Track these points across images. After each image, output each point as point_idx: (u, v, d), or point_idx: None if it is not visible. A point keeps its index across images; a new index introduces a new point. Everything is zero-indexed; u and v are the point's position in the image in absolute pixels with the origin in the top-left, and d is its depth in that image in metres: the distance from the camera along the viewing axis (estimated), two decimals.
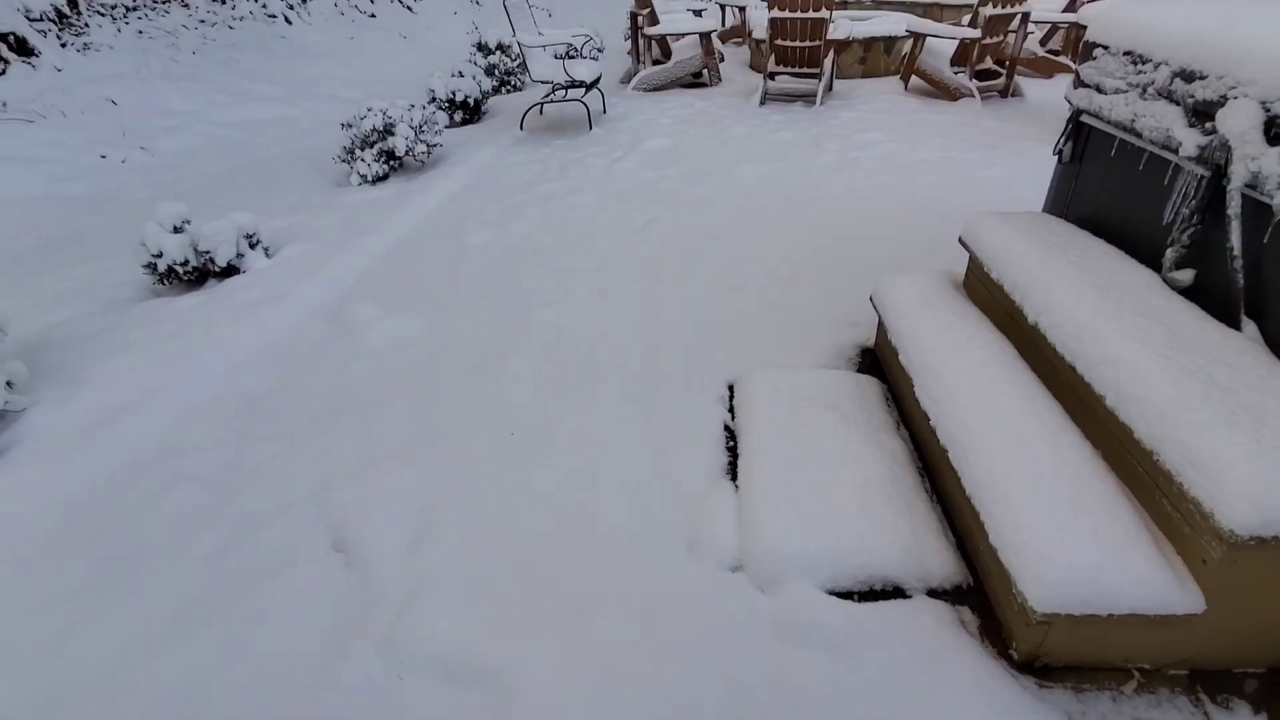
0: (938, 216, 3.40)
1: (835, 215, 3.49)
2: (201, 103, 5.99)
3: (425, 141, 4.47)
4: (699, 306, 2.72)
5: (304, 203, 4.11)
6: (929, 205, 3.57)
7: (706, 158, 4.51)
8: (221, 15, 6.92)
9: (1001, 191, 3.73)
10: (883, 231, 3.28)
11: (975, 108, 5.50)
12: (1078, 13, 6.34)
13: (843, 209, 3.58)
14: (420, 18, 9.64)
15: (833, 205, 3.64)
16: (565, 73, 5.05)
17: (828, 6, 5.44)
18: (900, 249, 3.08)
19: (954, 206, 3.51)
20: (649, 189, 4.02)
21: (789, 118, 5.42)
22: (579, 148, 4.88)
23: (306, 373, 2.41)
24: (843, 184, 3.94)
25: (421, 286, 2.98)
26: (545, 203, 3.88)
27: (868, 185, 3.91)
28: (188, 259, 3.00)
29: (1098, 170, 2.03)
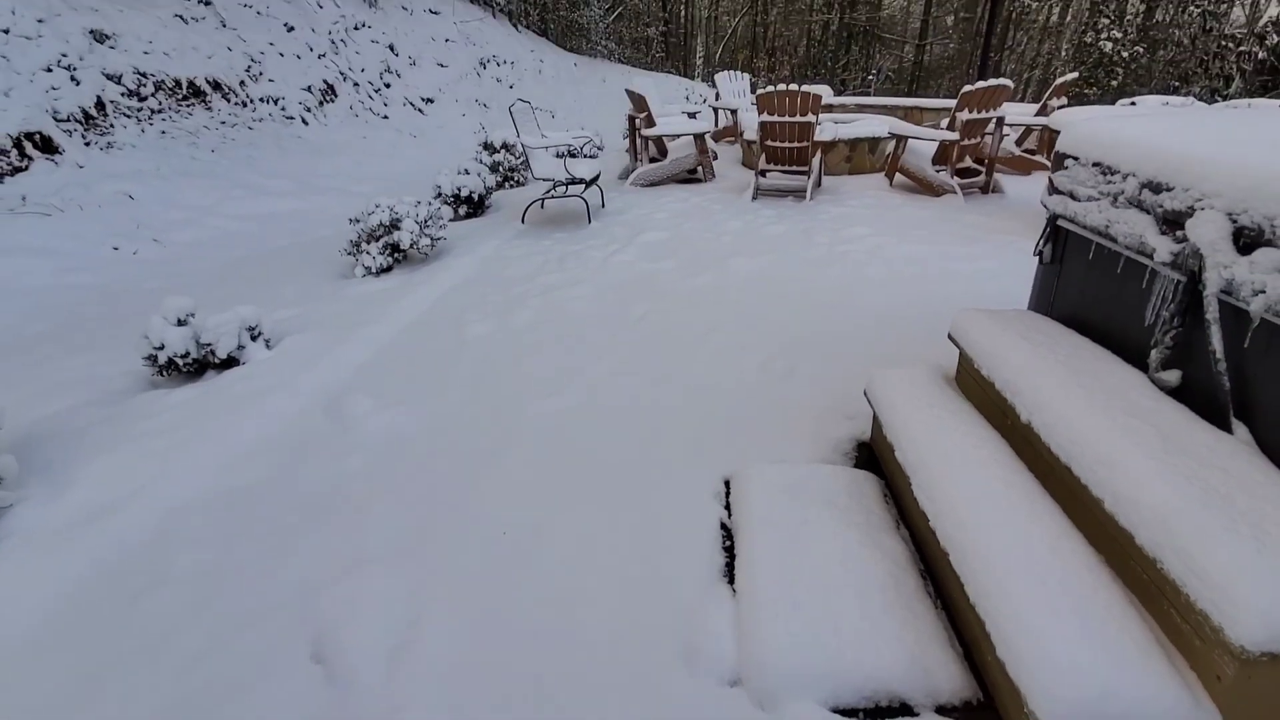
0: (927, 309, 3.48)
1: (828, 307, 3.57)
2: (217, 198, 6.23)
3: (429, 235, 4.62)
4: (695, 399, 2.73)
5: (308, 294, 4.20)
6: (918, 297, 3.66)
7: (701, 250, 4.66)
8: (242, 117, 7.32)
9: (987, 284, 3.83)
10: (874, 324, 3.34)
11: (958, 203, 5.74)
12: (1049, 117, 6.76)
13: (835, 301, 3.66)
14: (430, 118, 10.21)
15: (825, 297, 3.73)
16: (566, 171, 5.30)
17: (814, 111, 5.79)
18: (892, 341, 3.13)
19: (942, 299, 3.60)
20: (646, 281, 4.13)
21: (780, 212, 5.64)
22: (578, 240, 5.05)
23: (299, 468, 2.38)
24: (834, 276, 4.06)
25: (420, 378, 3.00)
26: (545, 294, 3.97)
27: (858, 277, 4.02)
28: (188, 351, 3.03)
29: (1078, 271, 2.10)
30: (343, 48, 9.47)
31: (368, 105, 9.24)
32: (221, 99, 7.27)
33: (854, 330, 3.28)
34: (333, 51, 9.24)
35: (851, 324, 3.35)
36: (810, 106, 5.76)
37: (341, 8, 9.95)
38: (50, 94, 5.77)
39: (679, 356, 3.11)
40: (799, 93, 5.71)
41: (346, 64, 9.37)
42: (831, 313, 3.50)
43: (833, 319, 3.43)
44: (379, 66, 9.95)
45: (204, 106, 7.04)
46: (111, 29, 6.64)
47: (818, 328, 3.33)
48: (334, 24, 9.57)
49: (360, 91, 9.28)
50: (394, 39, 10.66)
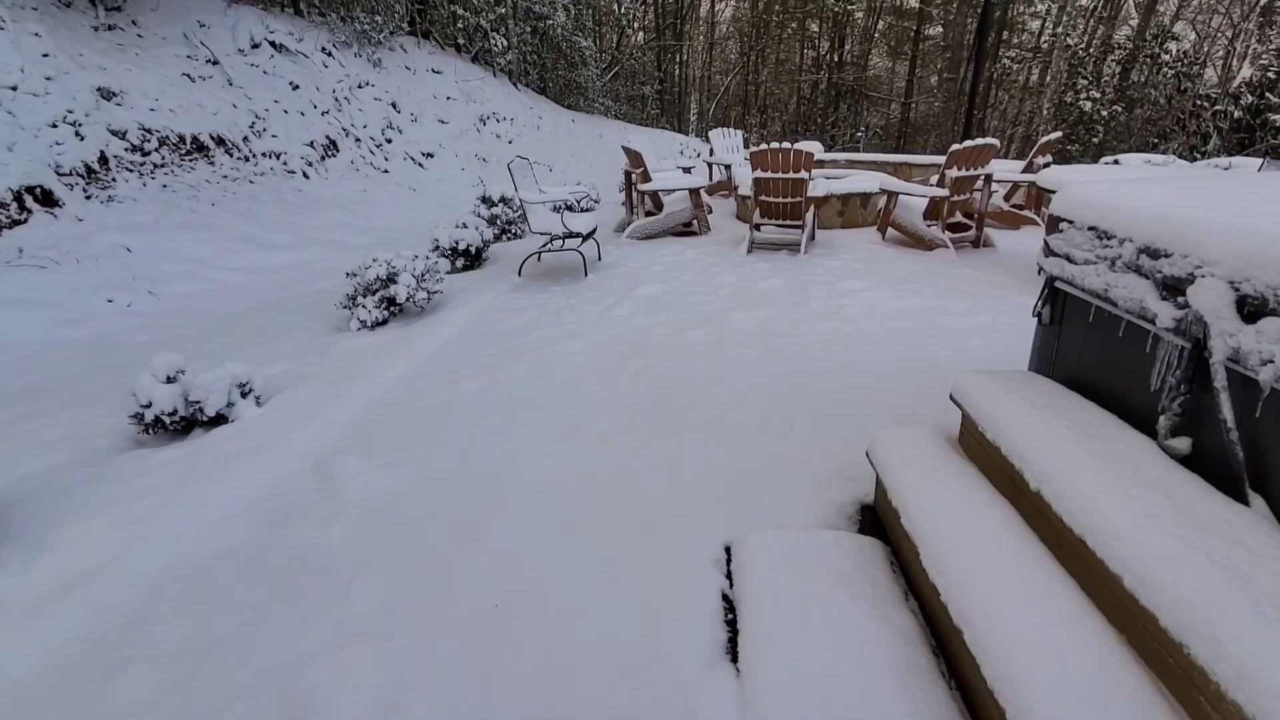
0: (925, 364, 3.47)
1: (825, 362, 3.55)
2: (215, 250, 6.26)
3: (426, 289, 4.63)
4: (692, 458, 2.68)
5: (302, 348, 4.16)
6: (915, 352, 3.65)
7: (697, 304, 4.67)
8: (244, 171, 7.43)
9: (982, 339, 3.83)
10: (872, 379, 3.32)
11: (950, 257, 5.81)
12: (1036, 174, 6.93)
13: (832, 356, 3.65)
14: (429, 172, 10.40)
15: (822, 352, 3.71)
16: (563, 224, 5.36)
17: (807, 168, 5.91)
18: (890, 398, 3.10)
19: (939, 354, 3.59)
20: (641, 335, 4.12)
21: (775, 265, 5.69)
22: (575, 294, 5.07)
23: (283, 533, 2.30)
24: (830, 330, 4.06)
25: (412, 437, 2.94)
26: (540, 349, 3.95)
27: (854, 332, 4.02)
28: (176, 409, 2.98)
29: (1078, 333, 2.08)
30: (346, 105, 9.72)
31: (368, 160, 9.42)
32: (224, 154, 7.39)
33: (852, 386, 3.25)
34: (336, 109, 9.47)
35: (849, 380, 3.33)
36: (803, 163, 5.89)
37: (346, 67, 10.26)
38: (54, 149, 5.84)
39: (676, 413, 3.06)
40: (792, 150, 5.84)
41: (349, 120, 9.60)
42: (829, 368, 3.48)
43: (830, 374, 3.40)
44: (381, 123, 10.20)
45: (207, 161, 7.15)
46: (119, 87, 6.79)
47: (815, 383, 3.30)
48: (338, 82, 9.84)
49: (361, 146, 9.48)
50: (396, 97, 10.96)
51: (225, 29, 8.58)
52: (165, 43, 7.77)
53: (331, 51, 10.15)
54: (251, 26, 8.88)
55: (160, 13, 8.02)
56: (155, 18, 7.94)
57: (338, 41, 10.35)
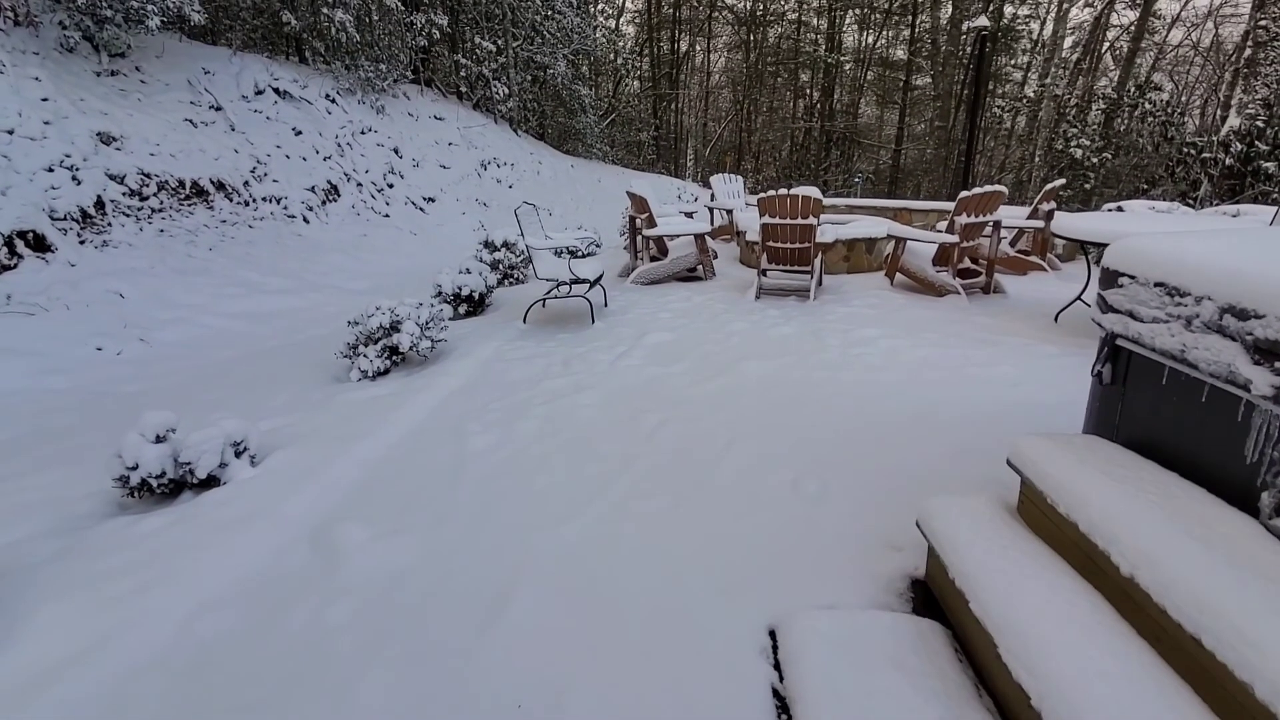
0: (956, 417, 3.31)
1: (850, 417, 3.39)
2: (210, 295, 6.11)
3: (430, 337, 4.47)
4: (722, 527, 2.48)
5: (300, 401, 3.97)
6: (944, 405, 3.50)
7: (711, 353, 4.53)
8: (243, 216, 7.34)
9: (1011, 391, 3.69)
10: (903, 435, 3.15)
11: (962, 304, 5.72)
12: (1045, 220, 6.93)
13: (857, 410, 3.49)
14: (430, 217, 10.37)
15: (845, 405, 3.55)
16: (570, 270, 5.24)
17: (815, 214, 5.86)
18: (926, 455, 2.93)
19: (970, 406, 3.44)
20: (656, 386, 3.95)
21: (785, 312, 5.58)
22: (582, 342, 4.92)
23: (277, 618, 2.08)
24: (851, 381, 3.91)
25: (417, 501, 2.74)
26: (550, 401, 3.77)
27: (876, 383, 3.87)
28: (164, 471, 2.77)
29: (1148, 396, 1.93)
30: (348, 150, 9.74)
31: (370, 204, 9.38)
32: (224, 198, 7.31)
33: (882, 443, 3.08)
34: (338, 154, 9.48)
35: (878, 435, 3.16)
36: (811, 209, 5.84)
37: (350, 113, 10.33)
38: (49, 193, 5.73)
39: (701, 474, 2.88)
40: (799, 196, 5.80)
41: (351, 165, 9.60)
42: (855, 422, 3.32)
43: (858, 430, 3.23)
44: (383, 168, 10.21)
45: (206, 205, 7.06)
46: (119, 131, 6.74)
47: (844, 440, 3.13)
48: (341, 128, 9.88)
49: (363, 191, 9.46)
50: (399, 143, 11.02)
51: (230, 75, 8.63)
52: (168, 89, 7.77)
53: (335, 98, 10.22)
54: (256, 73, 8.94)
55: (164, 59, 8.05)
56: (159, 64, 7.96)
57: (342, 89, 10.45)
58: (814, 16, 25.75)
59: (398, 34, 11.73)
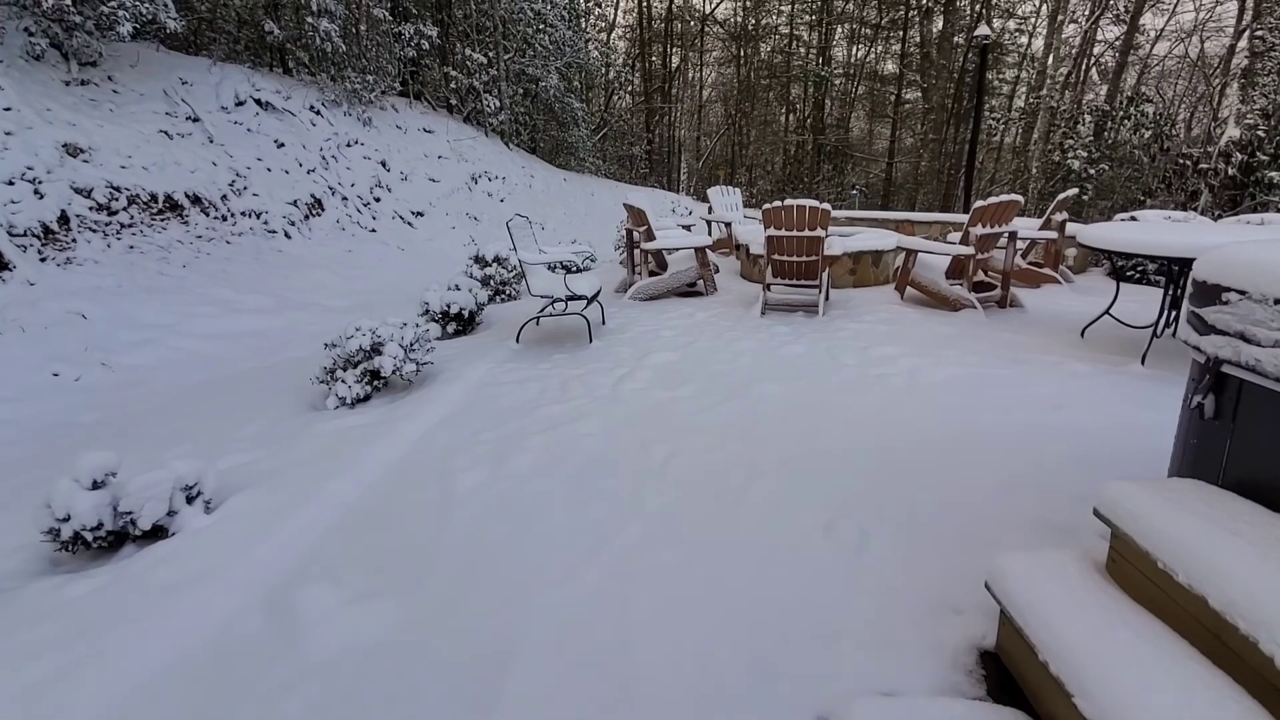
0: (998, 447, 2.99)
1: (882, 447, 3.06)
2: (181, 315, 5.74)
3: (415, 360, 4.12)
4: (749, 585, 2.14)
5: (269, 432, 3.61)
6: (981, 432, 3.17)
7: (720, 374, 4.20)
8: (220, 231, 6.98)
9: (1052, 415, 3.37)
10: (942, 468, 2.83)
11: (979, 319, 5.42)
12: (1063, 231, 6.69)
13: (886, 438, 3.16)
14: (419, 231, 10.04)
15: (873, 433, 3.23)
16: (566, 287, 4.92)
17: (823, 226, 5.57)
18: (970, 491, 2.61)
19: (1010, 434, 3.12)
20: (663, 413, 3.61)
21: (794, 329, 5.26)
22: (580, 363, 4.58)
23: (224, 710, 1.71)
24: (875, 406, 3.58)
25: (395, 553, 2.38)
26: (547, 431, 3.42)
27: (903, 408, 3.54)
28: (102, 522, 2.40)
29: (1268, 433, 1.61)
30: (333, 163, 9.41)
31: (355, 219, 9.04)
32: (200, 213, 6.95)
33: (920, 477, 2.75)
34: (323, 167, 9.15)
35: (914, 468, 2.83)
36: (819, 221, 5.55)
37: (335, 125, 10.01)
38: (8, 208, 5.37)
39: (721, 518, 2.53)
40: (807, 207, 5.51)
41: (336, 179, 9.26)
42: (886, 453, 2.99)
43: (891, 462, 2.90)
44: (369, 181, 9.88)
45: (180, 220, 6.70)
46: (88, 143, 6.39)
47: (877, 474, 2.80)
48: (326, 141, 9.56)
49: (349, 205, 9.12)
50: (386, 155, 10.70)
51: (209, 86, 8.30)
52: (143, 99, 7.43)
53: (320, 110, 9.91)
54: (237, 84, 8.61)
55: (140, 69, 7.72)
56: (134, 74, 7.63)
57: (327, 100, 10.14)
58: (806, 30, 25.80)
59: (386, 45, 11.46)
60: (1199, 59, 24.55)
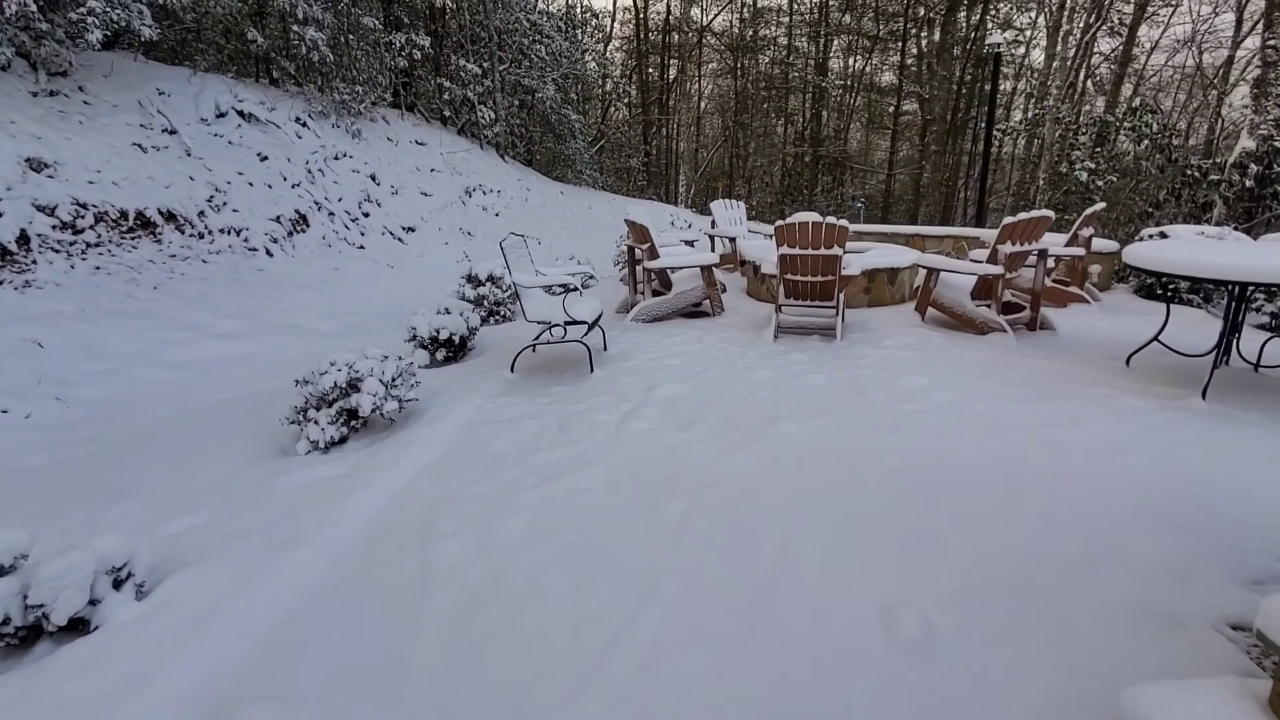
0: (1064, 505, 2.60)
1: (930, 507, 2.65)
2: (148, 342, 5.32)
3: (398, 397, 3.71)
4: (799, 697, 1.72)
5: (229, 484, 3.18)
6: (1040, 485, 2.78)
7: (735, 411, 3.79)
8: (196, 249, 6.57)
9: (1117, 461, 2.98)
10: (1006, 533, 2.42)
11: (1010, 344, 5.04)
12: (1089, 247, 6.33)
13: (933, 492, 2.75)
14: (410, 248, 9.64)
15: (917, 486, 2.82)
16: (565, 311, 4.52)
17: (840, 243, 5.19)
18: (1044, 564, 2.21)
19: (1072, 486, 2.73)
20: (674, 460, 3.20)
21: (811, 356, 4.87)
22: (581, 396, 4.17)
23: None
24: (914, 452, 3.18)
25: (360, 658, 1.95)
26: (544, 483, 3.00)
27: (946, 454, 3.14)
28: (9, 617, 1.97)
29: None
30: (320, 177, 9.02)
31: (342, 235, 8.63)
32: (175, 230, 6.55)
33: (982, 545, 2.35)
34: (309, 181, 8.75)
35: (973, 533, 2.43)
36: (836, 238, 5.17)
37: (322, 138, 9.62)
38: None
39: (755, 604, 2.12)
40: (823, 224, 5.13)
41: (323, 193, 8.87)
42: (938, 515, 2.58)
43: (944, 525, 2.50)
44: (358, 195, 9.48)
45: (152, 239, 6.29)
46: (53, 157, 5.99)
47: (931, 542, 2.39)
48: (312, 154, 9.16)
49: (335, 221, 8.71)
50: (376, 168, 10.32)
51: (188, 97, 7.92)
52: (116, 110, 7.04)
53: (306, 122, 9.52)
54: (218, 95, 8.23)
55: (113, 79, 7.33)
56: (107, 84, 7.24)
57: (314, 111, 9.76)
58: (805, 42, 25.64)
59: (376, 55, 11.10)
60: (1197, 70, 24.46)
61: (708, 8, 26.28)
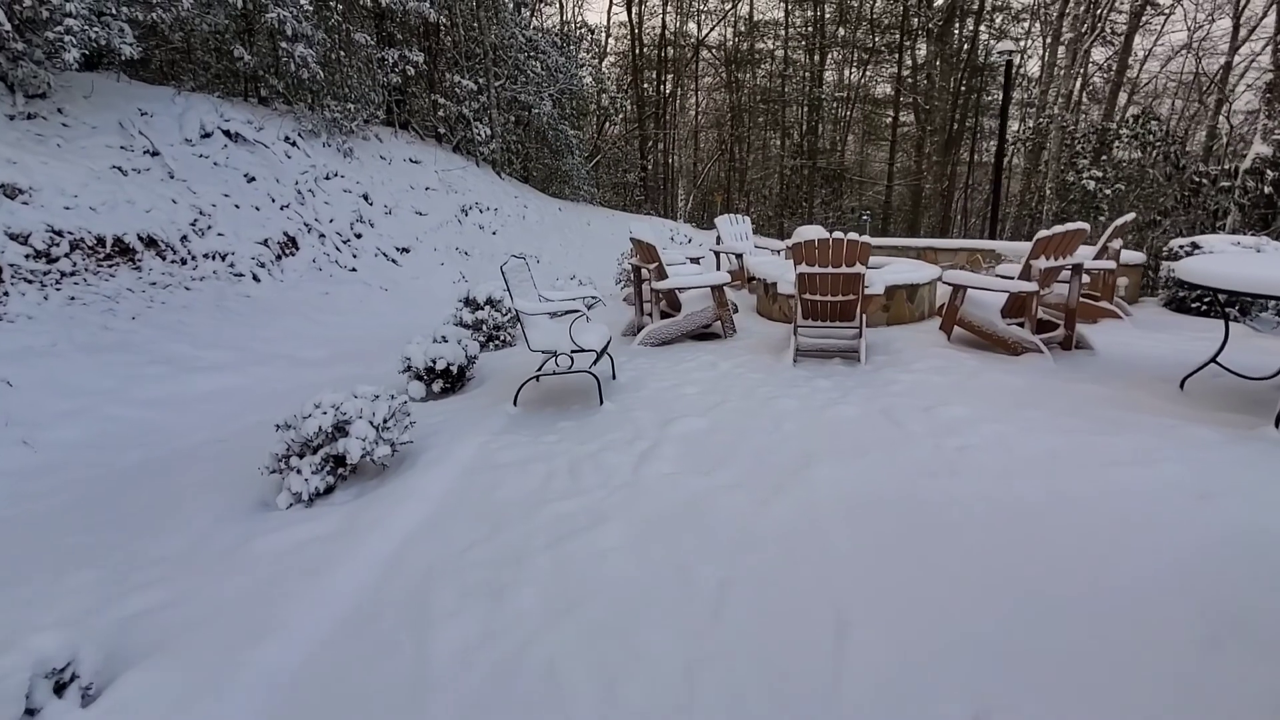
0: (1165, 565, 2.25)
1: (1014, 569, 2.29)
2: (123, 378, 4.96)
3: (390, 441, 3.35)
4: None
5: (198, 548, 2.82)
6: (1125, 540, 2.42)
7: (762, 449, 3.44)
8: (179, 276, 6.23)
9: (1200, 508, 2.63)
10: (1106, 606, 2.07)
11: (1048, 365, 4.70)
12: (1119, 259, 6.02)
13: (1016, 553, 2.40)
14: (405, 269, 9.31)
15: (991, 544, 2.47)
16: (571, 339, 4.18)
17: (863, 261, 4.88)
18: (1165, 655, 1.85)
19: (1161, 542, 2.38)
20: (701, 511, 2.84)
21: (837, 382, 4.52)
22: (592, 433, 3.82)
23: None
24: (974, 499, 2.82)
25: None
26: (556, 543, 2.64)
27: (1009, 500, 2.79)
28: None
29: None
30: (310, 198, 8.70)
31: (333, 258, 8.30)
32: (155, 256, 6.21)
33: (1076, 622, 1.99)
34: (298, 202, 8.43)
35: (1063, 608, 2.07)
36: (858, 256, 4.86)
37: (312, 157, 9.31)
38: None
39: (812, 706, 1.76)
40: (844, 241, 4.82)
41: (313, 214, 8.54)
42: (1016, 583, 2.23)
43: (1027, 598, 2.14)
44: (350, 216, 9.16)
45: (131, 266, 5.95)
46: (28, 183, 5.66)
47: (1013, 621, 2.04)
48: (302, 174, 8.85)
49: (326, 243, 8.38)
50: (369, 188, 10.01)
51: (171, 117, 7.61)
52: (95, 132, 6.72)
53: (296, 141, 9.22)
54: (203, 115, 7.93)
55: (94, 100, 7.02)
56: (87, 105, 6.93)
57: (304, 130, 9.45)
58: (803, 54, 25.56)
59: (369, 71, 10.84)
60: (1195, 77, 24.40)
61: (703, 22, 26.26)
